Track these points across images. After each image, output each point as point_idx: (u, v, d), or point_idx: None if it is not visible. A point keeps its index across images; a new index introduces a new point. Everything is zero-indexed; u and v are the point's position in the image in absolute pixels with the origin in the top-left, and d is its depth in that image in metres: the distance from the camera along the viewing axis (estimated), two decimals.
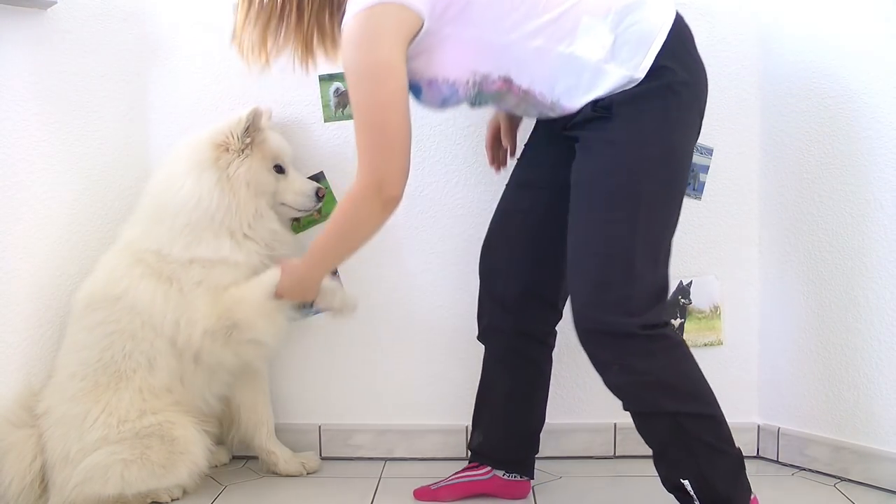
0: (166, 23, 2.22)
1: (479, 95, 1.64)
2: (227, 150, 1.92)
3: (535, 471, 1.96)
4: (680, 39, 1.57)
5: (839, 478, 2.01)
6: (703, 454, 1.58)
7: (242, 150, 1.92)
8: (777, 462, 2.14)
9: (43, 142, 1.96)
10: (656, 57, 1.53)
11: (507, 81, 1.60)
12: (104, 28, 2.14)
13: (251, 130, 1.92)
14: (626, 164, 1.54)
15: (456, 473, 1.97)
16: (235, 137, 1.91)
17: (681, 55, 1.57)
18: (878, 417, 1.95)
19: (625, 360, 1.56)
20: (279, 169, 2.00)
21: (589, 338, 1.59)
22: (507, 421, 1.90)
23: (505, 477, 1.92)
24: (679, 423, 1.56)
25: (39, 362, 1.96)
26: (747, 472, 1.64)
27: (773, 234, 2.14)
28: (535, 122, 1.87)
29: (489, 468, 1.93)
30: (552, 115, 1.65)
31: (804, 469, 2.08)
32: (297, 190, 2.02)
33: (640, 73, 1.53)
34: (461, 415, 2.23)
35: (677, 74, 1.54)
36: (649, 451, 2.14)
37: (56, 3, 1.94)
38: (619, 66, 1.53)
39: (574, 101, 1.58)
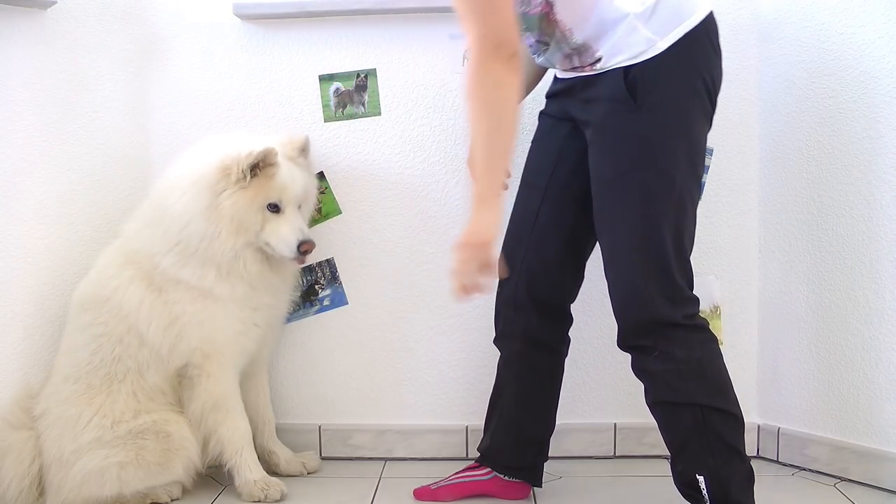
0: (166, 23, 2.22)
1: (523, 17, 1.61)
2: (229, 176, 1.85)
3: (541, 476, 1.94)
4: (709, 31, 1.58)
5: (839, 478, 2.01)
6: (721, 452, 1.60)
7: (239, 182, 1.84)
8: (777, 462, 2.14)
9: (43, 142, 1.96)
10: (684, 36, 1.54)
11: (549, 5, 1.59)
12: (104, 28, 2.14)
13: (258, 167, 1.85)
14: (652, 157, 1.56)
15: (456, 473, 1.96)
16: (238, 169, 1.84)
17: (705, 45, 1.58)
18: (878, 417, 1.95)
19: (666, 348, 1.59)
20: (274, 207, 1.90)
21: (635, 330, 1.62)
22: (514, 427, 1.89)
23: (506, 478, 1.92)
24: (705, 416, 1.59)
25: (38, 363, 1.96)
26: None
27: (773, 234, 2.14)
28: (538, 115, 1.87)
29: (489, 469, 1.93)
30: (571, 66, 1.64)
31: (804, 469, 2.08)
32: (282, 235, 1.88)
33: (664, 44, 1.53)
34: (461, 415, 2.23)
35: (698, 61, 1.57)
36: (649, 452, 2.15)
37: (56, 3, 1.94)
38: (648, 28, 1.54)
39: (596, 54, 1.59)
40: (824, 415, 2.05)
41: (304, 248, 1.90)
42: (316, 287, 2.23)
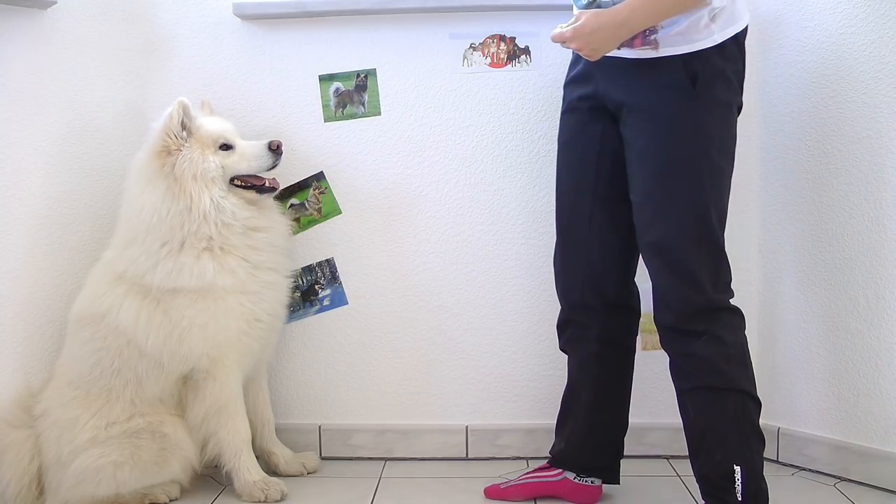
0: (166, 23, 2.22)
1: None
2: (169, 152, 1.88)
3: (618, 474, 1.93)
4: (744, 36, 1.68)
5: (839, 478, 2.01)
6: (755, 442, 1.63)
7: (180, 145, 1.89)
8: (777, 462, 2.14)
9: (43, 142, 1.96)
10: (734, 36, 1.63)
11: None
12: (104, 28, 2.14)
13: (185, 123, 1.90)
14: (708, 145, 1.63)
15: (526, 473, 1.96)
16: (173, 136, 1.88)
17: (742, 46, 1.68)
18: (878, 417, 1.95)
19: (715, 332, 1.63)
20: (226, 147, 1.95)
21: (689, 316, 1.64)
22: (593, 429, 1.88)
23: (575, 480, 1.90)
24: (745, 403, 1.62)
25: (38, 363, 1.96)
26: None
27: (773, 234, 2.14)
28: (561, 115, 1.86)
29: (560, 470, 1.91)
30: (641, 48, 1.65)
31: (804, 469, 2.08)
32: (249, 155, 1.96)
33: (719, 38, 1.61)
34: (460, 415, 2.23)
35: (738, 59, 1.67)
36: (646, 452, 2.14)
37: (56, 3, 1.94)
38: (714, 23, 1.60)
39: (667, 36, 1.61)
40: (824, 415, 2.05)
41: (275, 144, 1.97)
42: (316, 287, 2.23)
